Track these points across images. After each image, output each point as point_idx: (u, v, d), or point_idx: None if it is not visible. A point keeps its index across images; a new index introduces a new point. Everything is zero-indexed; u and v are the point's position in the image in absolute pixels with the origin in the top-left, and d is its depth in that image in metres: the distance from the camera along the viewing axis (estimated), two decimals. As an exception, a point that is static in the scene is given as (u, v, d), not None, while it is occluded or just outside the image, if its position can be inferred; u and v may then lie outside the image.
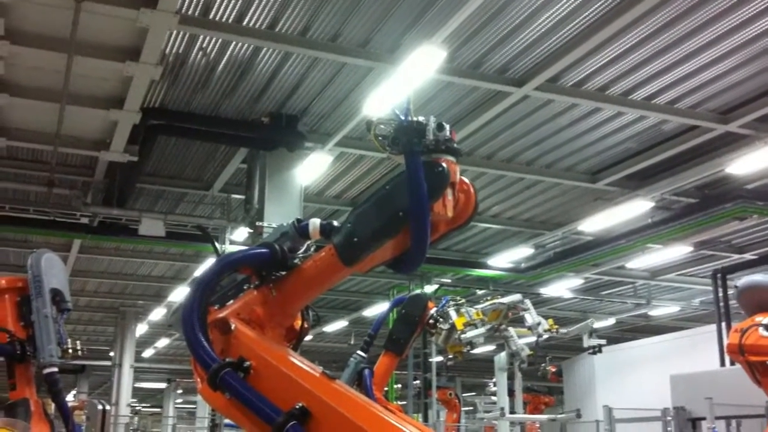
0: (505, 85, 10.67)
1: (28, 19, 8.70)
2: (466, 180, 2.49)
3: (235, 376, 2.34)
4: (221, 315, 2.56)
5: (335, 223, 2.57)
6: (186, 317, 2.45)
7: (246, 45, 9.85)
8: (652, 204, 14.72)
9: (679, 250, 17.80)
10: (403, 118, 2.35)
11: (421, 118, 2.36)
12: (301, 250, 2.67)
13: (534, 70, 10.37)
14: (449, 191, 2.39)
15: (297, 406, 2.22)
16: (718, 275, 14.66)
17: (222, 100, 11.46)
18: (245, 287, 2.69)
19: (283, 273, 2.62)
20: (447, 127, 2.39)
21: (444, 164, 2.34)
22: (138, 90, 9.90)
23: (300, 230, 2.64)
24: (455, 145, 2.41)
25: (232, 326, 2.52)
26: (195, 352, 2.42)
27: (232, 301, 2.65)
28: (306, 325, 2.84)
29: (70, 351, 4.51)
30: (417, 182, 2.27)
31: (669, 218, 15.04)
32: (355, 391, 2.46)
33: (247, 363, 2.38)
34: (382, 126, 2.40)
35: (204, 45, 9.92)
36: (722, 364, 12.94)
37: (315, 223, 2.61)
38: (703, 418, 9.51)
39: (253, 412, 2.29)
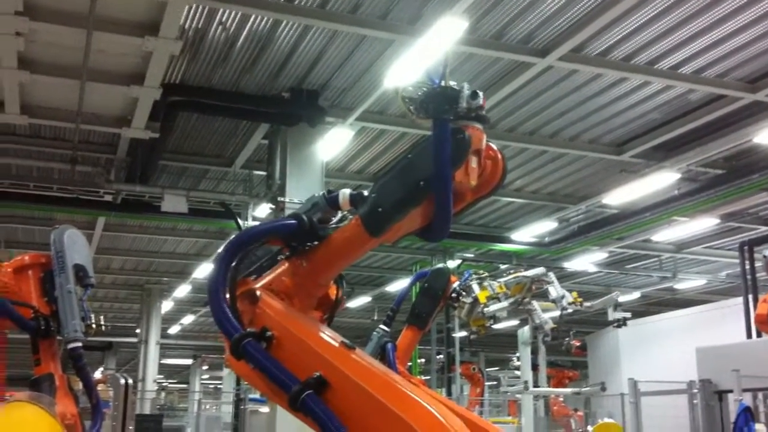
0: (528, 55, 10.53)
1: (47, -6, 8.69)
2: (494, 146, 2.43)
3: (257, 345, 2.34)
4: (251, 286, 2.58)
5: (365, 193, 2.53)
6: (211, 288, 2.45)
7: (265, 18, 9.79)
8: (678, 176, 14.54)
9: (705, 223, 17.60)
10: (436, 83, 2.29)
11: (452, 83, 2.29)
12: (335, 221, 2.62)
13: (557, 39, 10.21)
14: (474, 159, 2.34)
15: (314, 376, 2.21)
16: (745, 247, 14.50)
17: (242, 75, 11.42)
18: (279, 258, 2.69)
19: (315, 244, 2.60)
20: (480, 94, 2.32)
21: (467, 132, 2.28)
22: (158, 65, 9.85)
23: (330, 201, 2.61)
24: (484, 112, 2.34)
25: (259, 297, 2.53)
26: (218, 322, 2.43)
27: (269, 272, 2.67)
28: (341, 295, 2.84)
29: (94, 327, 4.52)
30: (442, 150, 2.22)
31: (695, 190, 14.84)
32: (376, 361, 2.42)
33: (269, 333, 2.38)
34: (410, 88, 2.34)
35: (223, 19, 9.86)
36: (749, 336, 12.83)
37: (345, 193, 2.58)
38: (730, 391, 9.40)
39: (271, 381, 2.29)
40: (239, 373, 2.53)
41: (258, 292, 2.55)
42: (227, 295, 2.48)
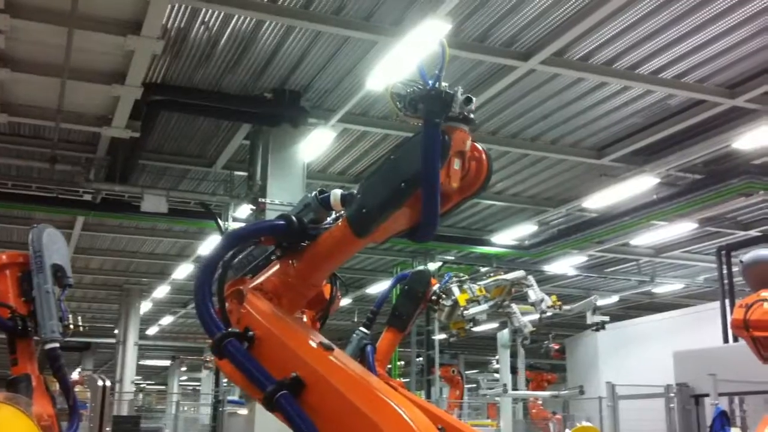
0: (510, 59, 10.58)
1: (27, -9, 8.62)
2: (480, 146, 2.41)
3: (237, 345, 2.34)
4: (241, 286, 2.59)
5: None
6: (197, 287, 2.46)
7: (248, 18, 9.77)
8: (657, 180, 14.65)
9: (684, 227, 17.74)
10: (430, 84, 2.25)
11: (444, 85, 2.26)
12: (330, 221, 2.61)
13: (540, 43, 10.26)
14: (456, 161, 2.32)
15: (290, 376, 2.22)
16: (723, 252, 14.59)
17: (224, 75, 11.39)
18: (272, 258, 2.69)
19: (306, 244, 2.60)
20: (474, 100, 2.31)
21: (448, 134, 2.26)
22: (139, 65, 9.81)
23: (322, 201, 2.59)
24: (471, 114, 2.33)
25: (245, 296, 2.55)
26: (202, 321, 2.45)
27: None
28: (335, 293, 2.86)
29: (72, 327, 4.49)
30: (432, 153, 2.19)
31: (674, 194, 14.98)
32: (354, 363, 2.42)
33: (251, 333, 2.39)
34: (399, 84, 2.31)
35: (206, 19, 9.83)
36: (726, 340, 12.93)
37: (336, 194, 2.56)
38: (707, 395, 9.49)
39: (249, 381, 2.30)
40: (225, 372, 2.55)
41: (245, 292, 2.55)
42: (215, 295, 2.49)
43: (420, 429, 2.03)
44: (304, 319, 2.90)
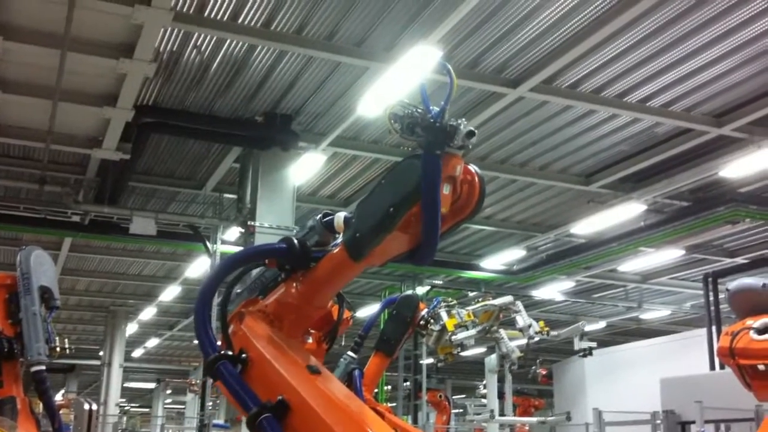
0: (500, 86, 10.66)
1: (21, 14, 8.66)
2: (473, 169, 2.41)
3: (228, 366, 2.40)
4: (244, 308, 2.65)
5: None
6: (197, 308, 2.52)
7: (241, 43, 9.81)
8: (645, 207, 14.76)
9: (671, 254, 17.84)
10: (431, 112, 2.25)
11: (440, 110, 2.26)
12: (337, 243, 2.61)
13: (530, 71, 10.35)
14: (446, 185, 2.32)
15: (275, 399, 2.25)
16: (710, 279, 14.65)
17: (216, 98, 11.42)
18: (279, 280, 2.72)
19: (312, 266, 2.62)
20: (476, 134, 2.32)
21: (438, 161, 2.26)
22: (131, 87, 9.85)
23: (326, 224, 2.63)
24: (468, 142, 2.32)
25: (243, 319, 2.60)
26: (199, 341, 2.51)
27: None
28: (343, 314, 2.90)
29: (58, 349, 4.48)
30: (431, 182, 2.21)
31: (661, 221, 15.08)
32: (339, 387, 2.43)
33: (244, 355, 2.43)
34: (398, 106, 2.31)
35: (198, 43, 9.87)
36: (712, 367, 12.95)
37: (339, 216, 2.58)
38: (693, 422, 9.48)
39: (236, 402, 2.35)
40: (222, 391, 2.59)
41: (245, 314, 2.60)
42: (215, 315, 2.55)
43: None
44: (310, 341, 2.92)
